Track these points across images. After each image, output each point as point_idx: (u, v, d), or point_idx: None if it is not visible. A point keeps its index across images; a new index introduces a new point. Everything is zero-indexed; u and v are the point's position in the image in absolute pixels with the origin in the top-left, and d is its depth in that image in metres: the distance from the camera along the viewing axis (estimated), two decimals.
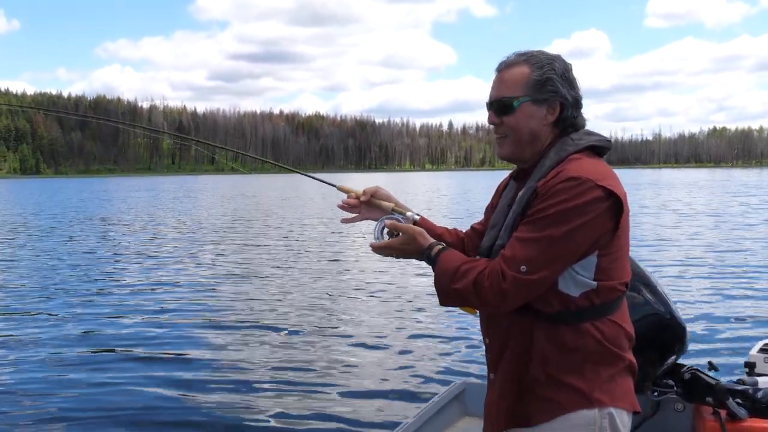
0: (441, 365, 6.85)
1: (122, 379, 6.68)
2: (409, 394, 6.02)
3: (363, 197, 2.38)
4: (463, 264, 2.02)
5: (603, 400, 2.00)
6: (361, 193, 2.39)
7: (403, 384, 6.32)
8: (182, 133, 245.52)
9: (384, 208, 2.34)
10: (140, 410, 5.85)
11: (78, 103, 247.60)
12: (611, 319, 2.03)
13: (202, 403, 6.01)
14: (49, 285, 12.37)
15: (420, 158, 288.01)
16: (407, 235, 2.15)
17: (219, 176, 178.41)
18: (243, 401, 5.99)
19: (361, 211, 2.40)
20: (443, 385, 5.49)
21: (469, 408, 3.97)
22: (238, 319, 9.09)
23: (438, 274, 2.05)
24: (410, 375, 6.57)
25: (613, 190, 1.95)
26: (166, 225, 26.21)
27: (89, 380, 6.66)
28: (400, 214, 2.29)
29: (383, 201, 2.36)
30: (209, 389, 6.35)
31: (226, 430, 5.45)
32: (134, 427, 5.52)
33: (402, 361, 7.08)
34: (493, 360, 2.16)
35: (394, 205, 2.34)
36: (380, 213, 2.33)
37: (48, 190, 76.46)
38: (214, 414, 5.72)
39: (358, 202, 2.39)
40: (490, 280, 1.94)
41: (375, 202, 2.37)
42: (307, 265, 14.58)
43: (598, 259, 1.98)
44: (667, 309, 3.20)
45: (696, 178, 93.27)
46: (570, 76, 2.09)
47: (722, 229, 20.59)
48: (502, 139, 2.12)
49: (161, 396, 6.20)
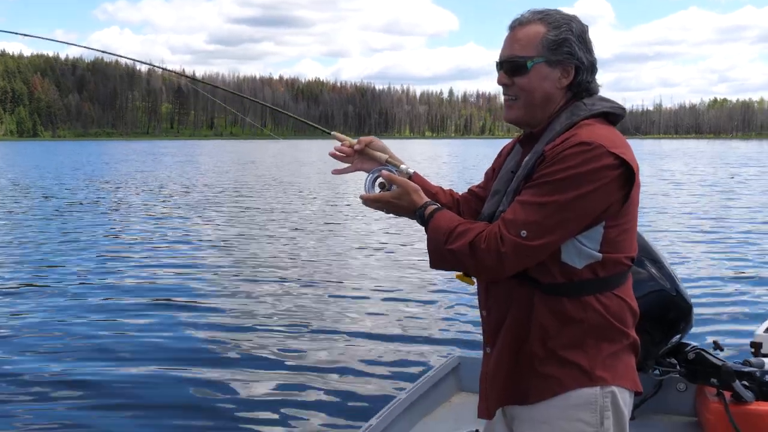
0: (435, 338, 6.75)
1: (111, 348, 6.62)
2: (402, 368, 5.91)
3: (357, 145, 2.25)
4: (460, 224, 1.92)
5: (605, 378, 1.91)
6: (355, 141, 2.27)
7: (396, 357, 6.21)
8: (181, 96, 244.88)
9: (378, 159, 2.22)
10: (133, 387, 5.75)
11: (75, 65, 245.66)
12: (616, 294, 1.94)
13: (181, 377, 5.90)
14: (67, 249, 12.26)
15: (420, 126, 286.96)
16: (401, 189, 2.04)
17: (219, 141, 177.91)
18: (230, 376, 5.88)
19: (353, 162, 2.28)
20: (437, 358, 5.40)
21: (464, 383, 3.88)
22: (214, 291, 8.88)
23: (431, 233, 1.96)
24: (404, 348, 6.46)
25: (626, 158, 1.84)
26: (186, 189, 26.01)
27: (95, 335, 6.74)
28: (393, 166, 2.17)
29: (377, 152, 2.23)
30: (193, 364, 6.20)
31: (211, 406, 5.33)
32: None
33: (395, 333, 6.96)
34: (490, 333, 2.05)
35: (388, 156, 2.22)
36: (373, 164, 2.21)
37: (48, 153, 76.21)
38: (194, 392, 5.58)
39: (351, 150, 2.26)
40: (487, 242, 1.84)
41: (369, 152, 2.24)
42: (297, 231, 14.47)
43: (605, 231, 1.88)
44: (672, 285, 3.08)
45: (697, 148, 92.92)
46: (586, 38, 1.97)
47: (729, 203, 20.05)
48: (512, 101, 2.00)
49: (151, 372, 6.08)
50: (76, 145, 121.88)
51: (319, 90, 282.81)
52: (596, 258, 1.88)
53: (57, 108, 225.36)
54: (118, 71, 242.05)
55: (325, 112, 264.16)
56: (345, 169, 2.30)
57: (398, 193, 2.03)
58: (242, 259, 11.14)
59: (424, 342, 6.63)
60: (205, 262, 11.04)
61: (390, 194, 2.05)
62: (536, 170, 1.87)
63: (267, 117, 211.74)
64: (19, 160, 57.70)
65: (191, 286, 9.27)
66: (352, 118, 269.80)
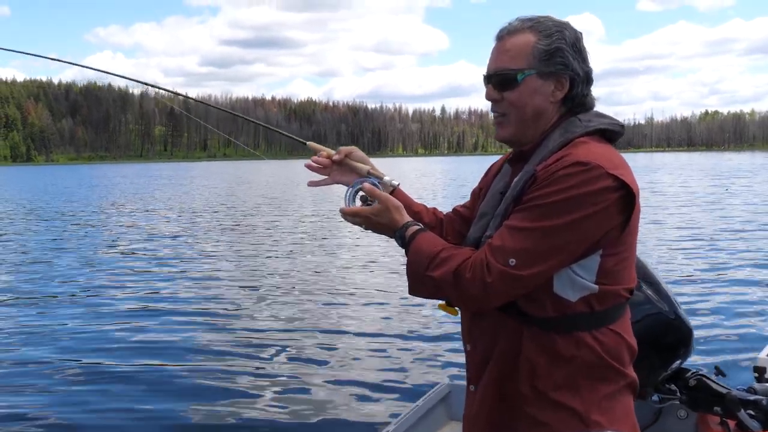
0: (425, 365, 6.51)
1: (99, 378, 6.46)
2: (391, 396, 5.71)
3: (336, 156, 2.08)
4: (443, 250, 1.76)
5: (600, 422, 1.73)
6: (333, 152, 2.10)
7: (385, 385, 5.99)
8: (174, 118, 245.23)
9: (359, 171, 2.06)
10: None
11: (68, 90, 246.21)
12: (612, 329, 1.76)
13: (174, 396, 5.82)
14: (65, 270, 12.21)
15: (413, 143, 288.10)
16: (382, 205, 1.88)
17: (212, 162, 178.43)
18: (218, 405, 5.71)
19: (331, 173, 2.11)
20: (427, 387, 5.22)
21: (454, 412, 3.72)
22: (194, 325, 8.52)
23: (412, 257, 1.80)
24: (393, 376, 6.22)
25: (626, 180, 1.67)
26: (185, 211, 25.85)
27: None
28: (376, 178, 2.02)
29: (358, 163, 2.08)
30: (185, 380, 6.24)
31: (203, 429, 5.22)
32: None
33: (384, 360, 6.71)
34: (474, 369, 1.88)
35: (370, 168, 2.06)
36: (352, 177, 2.05)
37: (45, 177, 76.41)
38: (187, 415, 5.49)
39: (329, 162, 2.10)
40: (472, 271, 1.68)
41: (349, 163, 2.08)
42: (283, 254, 14.25)
43: (602, 260, 1.71)
44: (671, 308, 2.92)
45: (690, 161, 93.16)
46: (581, 47, 1.80)
47: (726, 219, 19.49)
48: (502, 117, 1.83)
49: (149, 388, 6.06)
50: (72, 169, 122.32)
51: (311, 110, 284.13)
52: (591, 290, 1.71)
53: (50, 132, 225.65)
54: (111, 95, 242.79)
55: (318, 131, 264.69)
56: (322, 181, 2.13)
57: (378, 210, 1.88)
58: (226, 291, 10.81)
59: (413, 369, 6.40)
60: (192, 287, 10.85)
61: (369, 209, 1.89)
62: (526, 192, 1.71)
63: (260, 138, 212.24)
64: (18, 185, 57.87)
65: (173, 311, 9.07)
66: (345, 137, 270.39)
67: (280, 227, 19.67)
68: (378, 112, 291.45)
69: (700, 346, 6.51)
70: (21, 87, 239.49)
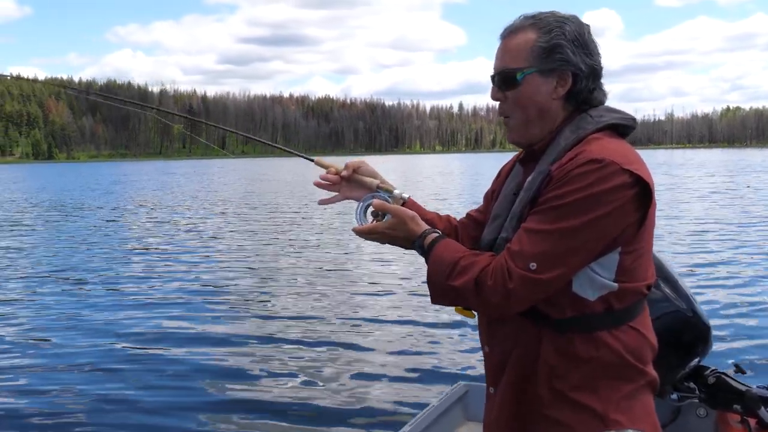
0: (441, 365, 6.47)
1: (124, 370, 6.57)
2: (407, 396, 5.68)
3: (345, 172, 2.03)
4: (463, 258, 1.73)
5: (620, 421, 1.70)
6: (341, 168, 2.05)
7: (401, 386, 5.97)
8: (193, 116, 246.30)
9: (368, 185, 2.01)
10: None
11: (89, 88, 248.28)
12: (633, 326, 1.74)
13: (185, 395, 5.89)
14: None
15: (430, 140, 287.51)
16: (397, 218, 1.84)
17: (231, 160, 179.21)
18: (232, 404, 5.73)
19: (341, 189, 2.06)
20: (443, 386, 5.21)
21: (471, 412, 3.70)
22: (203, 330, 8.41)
23: (432, 267, 1.77)
24: (409, 376, 6.20)
25: (641, 175, 1.65)
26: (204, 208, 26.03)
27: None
28: (386, 192, 1.97)
29: (367, 177, 2.03)
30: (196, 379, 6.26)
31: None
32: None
33: (400, 359, 6.68)
34: (493, 371, 1.86)
35: (379, 182, 2.01)
36: (363, 192, 2.00)
37: (73, 175, 77.46)
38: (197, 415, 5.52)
39: (338, 178, 2.05)
40: (494, 278, 1.65)
41: (358, 178, 2.02)
42: (299, 257, 14.24)
43: (620, 257, 1.68)
44: (689, 306, 2.88)
45: (711, 157, 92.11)
46: (585, 40, 1.76)
47: (746, 213, 19.35)
48: (509, 120, 1.82)
49: (169, 384, 6.17)
50: (97, 167, 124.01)
51: (329, 107, 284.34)
52: (611, 288, 1.69)
53: (71, 130, 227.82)
54: (130, 92, 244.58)
55: (336, 129, 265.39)
56: (332, 198, 2.09)
57: (393, 223, 1.84)
58: (248, 287, 10.88)
59: (430, 369, 6.37)
60: (207, 284, 10.94)
61: (384, 224, 1.85)
62: (542, 193, 1.69)
63: (278, 135, 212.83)
64: (42, 183, 58.56)
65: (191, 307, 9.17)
66: (363, 134, 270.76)
67: (300, 224, 19.74)
68: (395, 109, 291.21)
69: (719, 344, 6.45)
70: (42, 85, 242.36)
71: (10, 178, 74.94)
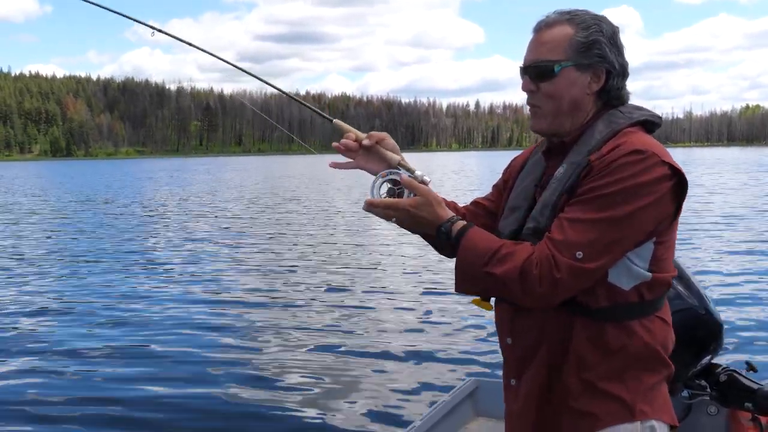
0: (452, 360, 6.48)
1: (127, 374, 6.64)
2: (418, 392, 5.70)
3: (367, 141, 1.89)
4: (504, 246, 1.70)
5: (645, 412, 1.74)
6: (362, 136, 1.92)
7: (411, 381, 5.99)
8: (210, 113, 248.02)
9: (389, 160, 1.88)
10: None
11: (107, 86, 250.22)
12: (659, 316, 1.77)
13: (193, 395, 5.90)
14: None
15: (446, 138, 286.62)
16: (423, 198, 1.75)
17: (248, 157, 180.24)
18: (246, 396, 5.79)
19: (357, 158, 1.93)
20: (454, 381, 5.22)
21: (481, 408, 3.72)
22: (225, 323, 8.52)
23: (464, 253, 1.71)
24: (420, 371, 6.22)
25: (679, 168, 1.69)
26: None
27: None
28: (407, 171, 1.84)
29: (389, 152, 1.90)
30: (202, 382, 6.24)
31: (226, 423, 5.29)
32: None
33: (411, 355, 6.71)
34: (515, 363, 1.85)
35: (401, 158, 1.89)
36: (380, 165, 1.88)
37: (95, 172, 78.10)
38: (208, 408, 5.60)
39: (357, 145, 1.92)
40: (540, 267, 1.63)
41: (379, 151, 1.90)
42: (311, 252, 14.27)
43: (655, 247, 1.72)
44: (701, 303, 2.88)
45: (730, 155, 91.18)
46: (617, 41, 1.80)
47: (764, 213, 19.19)
48: (538, 109, 1.82)
49: (167, 392, 6.12)
50: (119, 164, 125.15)
51: (345, 105, 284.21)
52: (645, 278, 1.71)
53: (89, 127, 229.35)
54: (147, 90, 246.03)
55: (352, 126, 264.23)
56: (345, 164, 1.96)
57: (418, 202, 1.75)
58: (253, 285, 10.98)
59: (441, 364, 6.39)
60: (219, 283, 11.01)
61: (409, 201, 1.75)
62: (582, 183, 1.69)
63: (294, 131, 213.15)
64: (74, 178, 59.74)
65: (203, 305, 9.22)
66: (379, 131, 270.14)
67: (317, 220, 19.82)
68: (412, 106, 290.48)
69: (731, 342, 6.43)
70: (60, 83, 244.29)
71: (56, 173, 75.64)
